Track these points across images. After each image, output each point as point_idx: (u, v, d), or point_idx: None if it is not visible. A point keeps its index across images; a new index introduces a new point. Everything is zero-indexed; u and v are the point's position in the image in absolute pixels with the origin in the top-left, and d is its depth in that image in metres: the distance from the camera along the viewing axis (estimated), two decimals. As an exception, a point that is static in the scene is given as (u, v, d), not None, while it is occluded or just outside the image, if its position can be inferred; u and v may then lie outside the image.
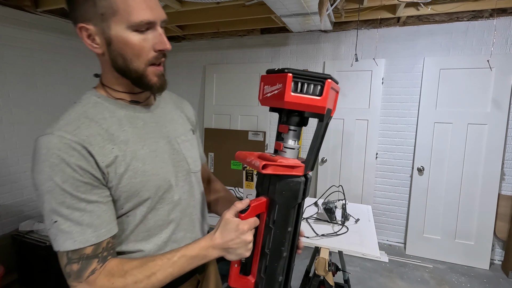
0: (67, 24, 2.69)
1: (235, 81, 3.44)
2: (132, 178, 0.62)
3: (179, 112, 0.82)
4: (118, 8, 0.56)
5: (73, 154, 0.55)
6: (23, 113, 2.38)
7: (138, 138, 0.66)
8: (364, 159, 2.95)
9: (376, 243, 1.31)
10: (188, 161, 0.76)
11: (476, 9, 2.40)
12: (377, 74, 2.83)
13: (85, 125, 0.59)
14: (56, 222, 0.56)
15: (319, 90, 0.54)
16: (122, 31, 0.58)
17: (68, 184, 0.55)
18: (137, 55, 0.60)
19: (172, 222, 0.71)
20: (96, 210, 0.58)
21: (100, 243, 0.58)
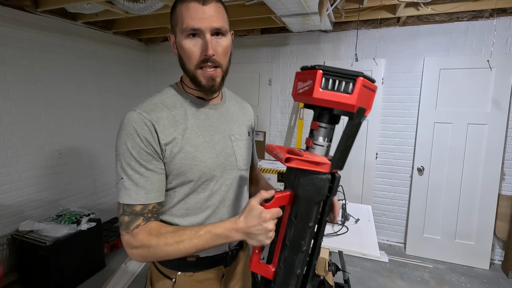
0: (67, 24, 2.69)
1: (235, 81, 3.44)
2: (182, 159, 0.74)
3: (241, 114, 0.93)
4: (178, 19, 0.71)
5: (144, 128, 0.70)
6: (23, 113, 2.38)
7: (197, 128, 0.78)
8: (364, 159, 2.95)
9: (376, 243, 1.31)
10: (237, 158, 0.85)
11: (476, 9, 2.40)
12: (377, 74, 2.83)
13: (159, 109, 0.74)
14: (122, 178, 0.70)
15: (350, 88, 0.53)
16: (180, 37, 0.72)
17: (135, 150, 0.69)
18: (188, 58, 0.73)
19: (208, 208, 0.80)
20: (151, 177, 0.71)
21: (147, 205, 0.71)
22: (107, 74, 3.13)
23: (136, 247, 0.69)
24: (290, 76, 3.24)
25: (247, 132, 0.92)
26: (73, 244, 2.21)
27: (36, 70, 2.46)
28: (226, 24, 0.74)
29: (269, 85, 3.30)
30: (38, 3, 2.28)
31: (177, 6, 0.72)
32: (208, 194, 0.79)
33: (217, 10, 0.71)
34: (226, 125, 0.84)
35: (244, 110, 0.96)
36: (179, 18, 0.71)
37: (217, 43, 0.73)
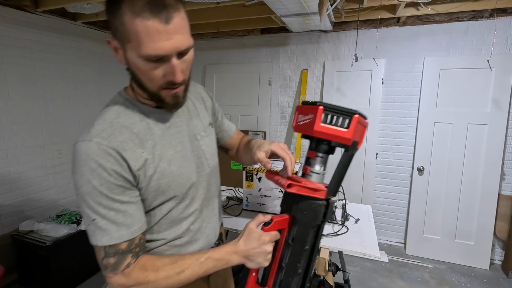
0: (67, 24, 2.69)
1: (235, 81, 3.44)
2: (159, 179, 0.68)
3: (199, 104, 0.86)
4: (130, 38, 0.57)
5: (109, 159, 0.61)
6: (23, 113, 2.38)
7: (165, 141, 0.71)
8: (364, 159, 2.95)
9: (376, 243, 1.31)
10: (207, 156, 0.82)
11: (476, 9, 2.40)
12: (377, 74, 2.83)
13: (118, 131, 0.64)
14: (95, 220, 0.61)
15: (346, 123, 0.61)
16: (134, 58, 0.60)
17: (104, 187, 0.60)
18: (149, 80, 0.63)
19: (192, 215, 0.77)
20: (129, 210, 0.64)
21: (133, 239, 0.64)
22: (107, 74, 3.13)
23: (131, 286, 0.64)
24: (290, 76, 3.24)
25: (209, 122, 0.86)
26: (73, 244, 2.20)
27: (36, 70, 2.46)
28: (191, 37, 0.63)
29: (269, 85, 3.30)
30: (38, 3, 2.28)
31: (126, 16, 0.56)
32: (188, 202, 0.76)
33: (181, 25, 0.59)
34: (190, 125, 0.79)
35: (202, 96, 0.88)
36: (133, 37, 0.57)
37: (183, 63, 0.63)
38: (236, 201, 1.78)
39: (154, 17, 0.55)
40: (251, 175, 1.60)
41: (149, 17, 0.54)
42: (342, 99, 2.98)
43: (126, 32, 0.57)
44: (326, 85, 3.03)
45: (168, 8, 0.56)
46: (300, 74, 3.18)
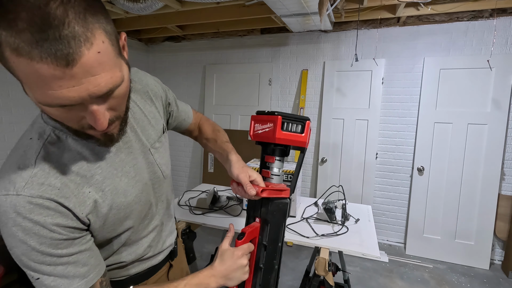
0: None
1: (235, 81, 3.44)
2: (116, 214, 0.60)
3: (149, 107, 0.73)
4: (19, 77, 0.39)
5: (48, 213, 0.48)
6: (23, 113, 2.38)
7: (115, 170, 0.60)
8: (364, 159, 2.95)
9: (376, 243, 1.31)
10: (162, 168, 0.74)
11: (476, 9, 2.40)
12: (377, 74, 2.83)
13: (53, 173, 0.50)
14: (39, 279, 0.50)
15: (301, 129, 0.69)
16: (34, 100, 0.43)
17: (46, 245, 0.49)
18: (63, 120, 0.47)
19: (153, 231, 0.74)
20: (80, 259, 0.53)
21: (93, 285, 0.55)
22: (107, 74, 3.13)
23: None
24: (290, 76, 3.24)
25: (162, 126, 0.76)
26: (73, 244, 2.20)
27: (36, 70, 2.47)
28: (119, 70, 0.45)
29: (269, 85, 3.30)
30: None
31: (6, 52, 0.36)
32: (149, 222, 0.72)
33: (97, 62, 0.40)
34: (142, 139, 0.68)
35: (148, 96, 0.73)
36: (23, 80, 0.39)
37: (112, 101, 0.46)
38: (236, 201, 1.78)
39: (46, 58, 0.36)
40: (251, 175, 1.60)
41: (38, 59, 0.36)
42: (342, 99, 2.98)
43: (12, 70, 0.39)
44: (326, 85, 3.03)
45: (68, 43, 0.36)
46: (300, 74, 3.18)
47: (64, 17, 0.36)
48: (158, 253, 0.79)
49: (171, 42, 3.68)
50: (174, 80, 3.73)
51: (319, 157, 3.11)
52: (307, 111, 3.16)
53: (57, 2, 0.35)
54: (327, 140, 3.07)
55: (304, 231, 1.40)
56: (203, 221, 1.52)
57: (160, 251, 0.79)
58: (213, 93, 3.56)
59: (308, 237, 1.35)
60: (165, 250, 0.82)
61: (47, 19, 0.35)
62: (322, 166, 3.12)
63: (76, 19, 0.36)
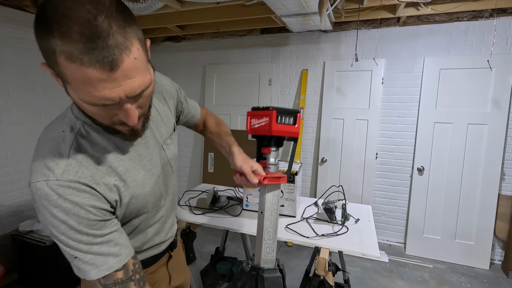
0: (67, 24, 2.69)
1: (235, 81, 3.44)
2: (135, 203, 0.68)
3: (163, 106, 0.80)
4: (68, 80, 0.46)
5: (85, 196, 0.56)
6: (23, 113, 2.38)
7: (134, 163, 0.67)
8: (364, 159, 2.95)
9: (376, 243, 1.31)
10: (171, 163, 0.82)
11: (476, 9, 2.40)
12: (377, 74, 2.83)
13: (84, 164, 0.58)
14: (77, 258, 0.57)
15: (293, 121, 0.76)
16: (76, 99, 0.49)
17: (83, 225, 0.56)
18: (97, 117, 0.54)
19: (158, 221, 0.80)
20: (113, 239, 0.60)
21: (126, 266, 0.61)
22: (107, 74, 3.13)
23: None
24: (290, 76, 3.24)
25: (173, 124, 0.84)
26: (73, 244, 2.20)
27: (36, 70, 2.46)
28: (148, 73, 0.52)
29: (269, 85, 3.30)
30: (38, 3, 2.28)
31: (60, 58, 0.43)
32: (157, 211, 0.79)
33: (133, 67, 0.47)
34: (156, 136, 0.75)
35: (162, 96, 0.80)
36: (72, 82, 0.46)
37: (141, 100, 0.54)
38: (236, 201, 1.78)
39: (95, 64, 0.43)
40: (251, 175, 1.60)
41: (88, 65, 0.43)
42: (342, 99, 2.98)
43: (61, 74, 0.46)
44: (326, 85, 3.03)
45: (113, 51, 0.44)
46: (300, 74, 3.18)
47: (109, 29, 0.43)
48: (161, 243, 0.84)
49: (171, 42, 3.68)
50: (174, 80, 3.71)
51: (319, 157, 3.11)
52: (307, 111, 3.16)
53: (103, 16, 0.43)
54: (327, 140, 3.07)
55: (304, 231, 1.40)
56: (203, 221, 1.52)
57: (162, 241, 0.84)
58: (213, 93, 3.56)
59: (308, 237, 1.35)
60: (167, 240, 0.87)
61: (95, 31, 0.42)
62: (322, 166, 3.12)
63: (118, 30, 0.44)
